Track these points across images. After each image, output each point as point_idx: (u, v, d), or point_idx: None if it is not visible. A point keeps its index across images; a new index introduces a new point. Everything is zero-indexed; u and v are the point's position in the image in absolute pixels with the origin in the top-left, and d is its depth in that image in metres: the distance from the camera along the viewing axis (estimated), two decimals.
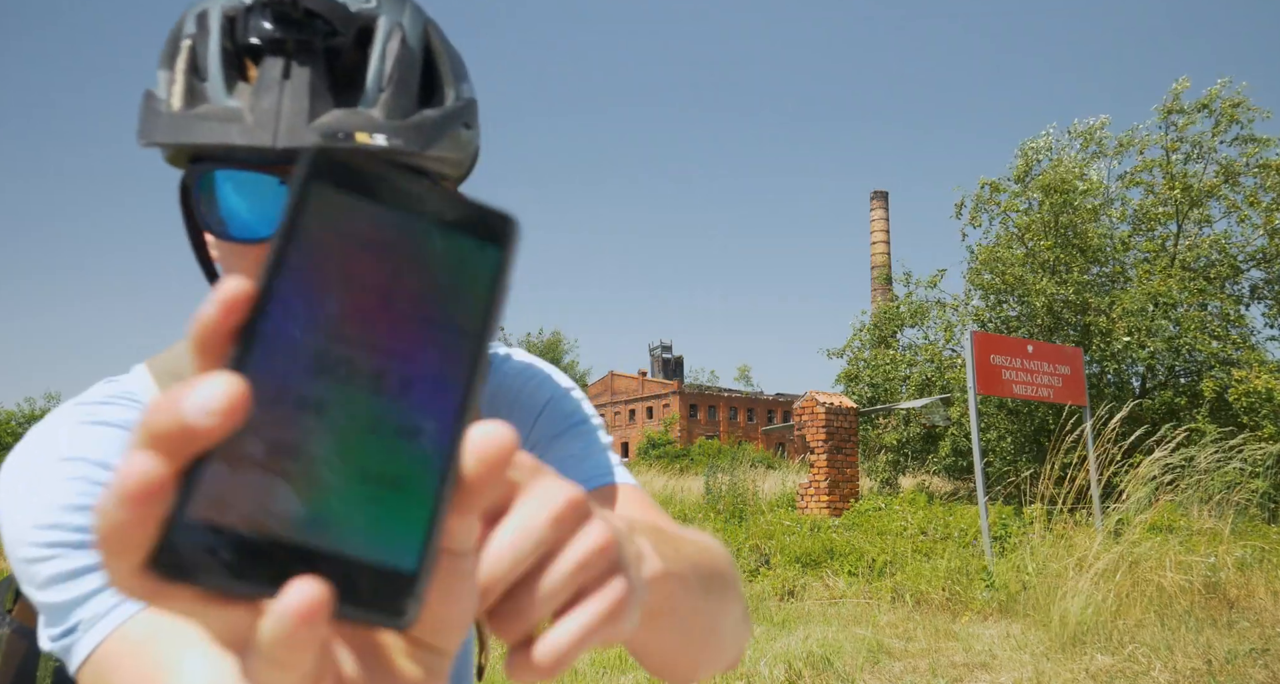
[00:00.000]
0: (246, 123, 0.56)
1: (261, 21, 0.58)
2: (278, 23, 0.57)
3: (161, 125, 0.57)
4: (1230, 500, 7.10)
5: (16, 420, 33.21)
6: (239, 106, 0.57)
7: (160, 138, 0.57)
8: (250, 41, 0.58)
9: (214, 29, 0.59)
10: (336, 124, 0.57)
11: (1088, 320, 12.09)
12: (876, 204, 48.61)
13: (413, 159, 0.61)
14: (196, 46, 0.59)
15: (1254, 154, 12.99)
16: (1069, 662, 4.37)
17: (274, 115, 0.56)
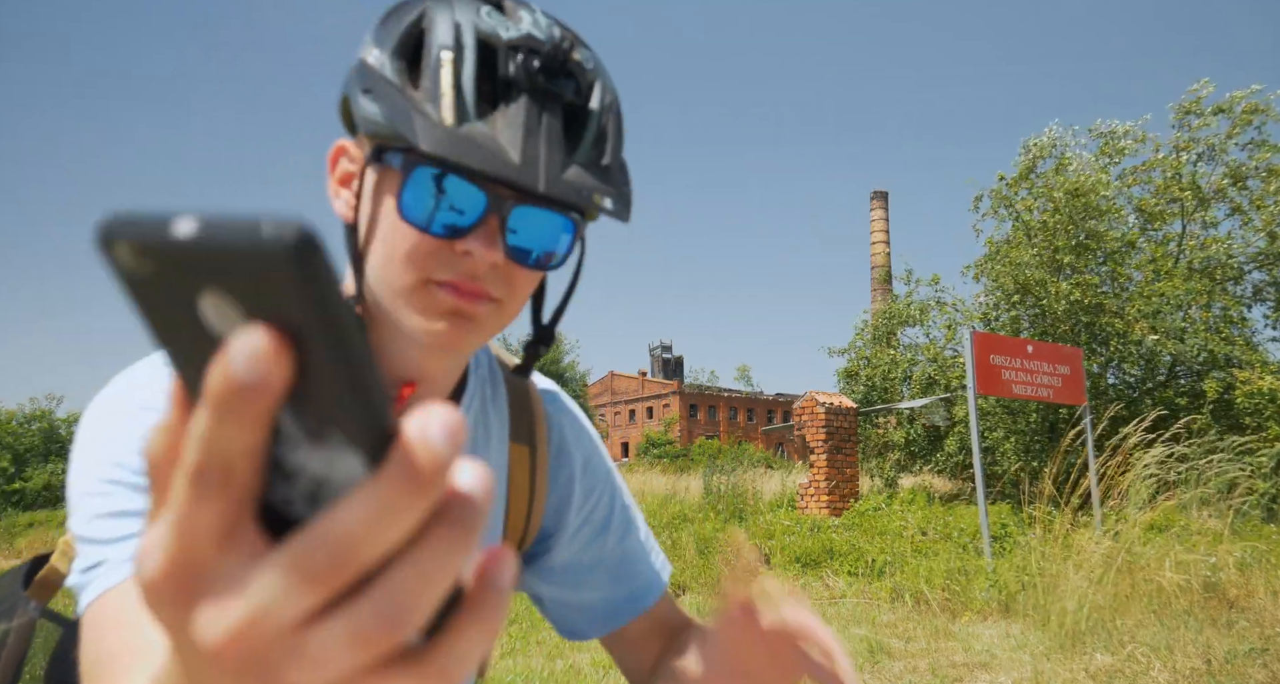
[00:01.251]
0: (512, 160, 0.61)
1: (528, 64, 0.63)
2: (543, 72, 0.64)
3: (438, 137, 0.61)
4: (1230, 501, 7.10)
5: (17, 420, 33.18)
6: (497, 136, 0.62)
7: (436, 149, 0.61)
8: (510, 78, 0.64)
9: (470, 51, 0.64)
10: (580, 183, 0.64)
11: (1103, 321, 12.07)
12: (876, 204, 48.57)
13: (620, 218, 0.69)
14: (458, 65, 0.63)
15: (1264, 159, 12.99)
16: (1068, 661, 4.37)
17: (536, 160, 0.62)
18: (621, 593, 0.93)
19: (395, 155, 0.66)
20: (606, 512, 0.95)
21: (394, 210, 0.67)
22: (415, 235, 0.66)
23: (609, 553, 0.94)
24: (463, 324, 0.69)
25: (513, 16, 0.67)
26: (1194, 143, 13.48)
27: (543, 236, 0.69)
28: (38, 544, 17.19)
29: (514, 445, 0.89)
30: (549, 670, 4.60)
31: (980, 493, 7.19)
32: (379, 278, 0.69)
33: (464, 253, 0.66)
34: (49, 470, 31.08)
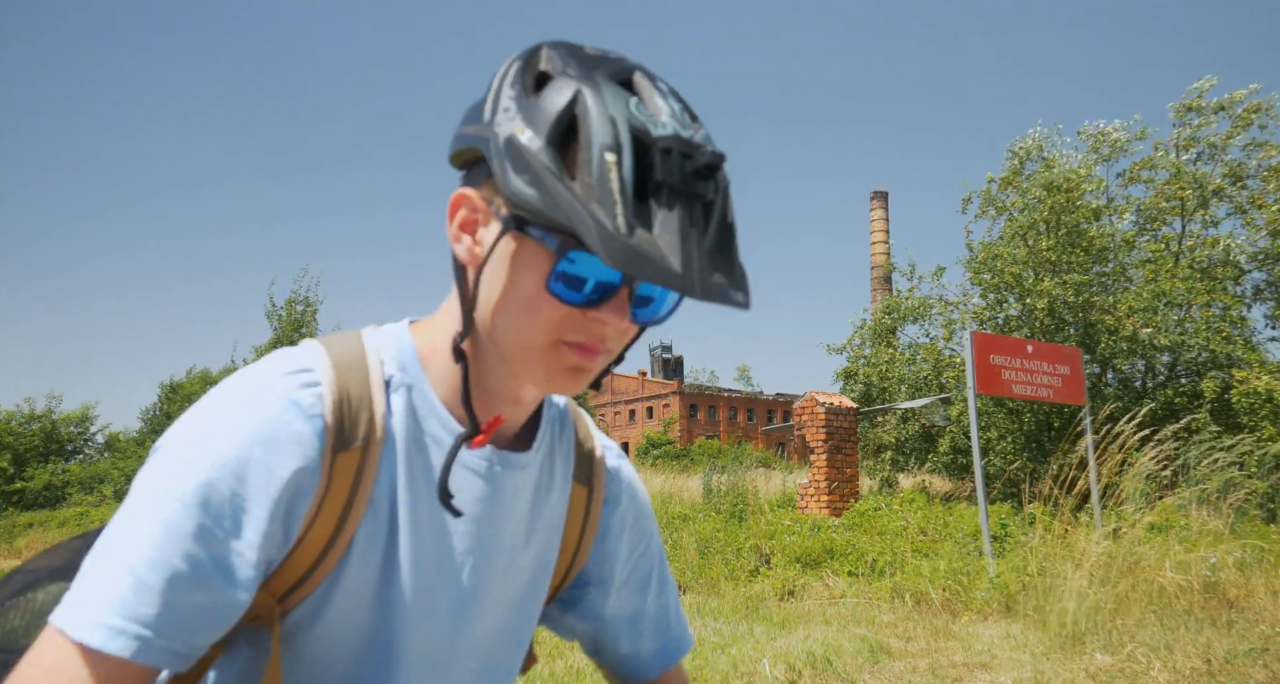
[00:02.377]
0: (674, 269, 0.63)
1: (682, 165, 0.65)
2: (695, 176, 0.66)
3: (613, 248, 0.63)
4: (1230, 500, 7.10)
5: (18, 420, 33.17)
6: (658, 241, 0.64)
7: (613, 261, 0.63)
8: (662, 179, 0.65)
9: (628, 148, 0.65)
10: (725, 286, 0.65)
11: (1092, 319, 12.07)
12: (876, 204, 48.57)
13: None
14: (620, 167, 0.65)
15: (1265, 158, 12.98)
16: (1069, 661, 4.37)
17: (692, 267, 0.64)
18: (658, 645, 1.02)
19: (547, 236, 0.69)
20: (651, 565, 1.02)
21: (540, 283, 0.71)
22: (559, 307, 0.71)
23: (650, 605, 1.01)
24: (580, 375, 0.75)
25: (650, 104, 0.69)
26: (1194, 142, 13.47)
27: (660, 304, 0.75)
28: (38, 544, 17.18)
29: (575, 484, 0.94)
30: (549, 670, 4.60)
31: (980, 493, 7.19)
32: (509, 333, 0.74)
33: (597, 320, 0.72)
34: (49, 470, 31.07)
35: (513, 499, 0.85)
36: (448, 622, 0.84)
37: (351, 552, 0.77)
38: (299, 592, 0.77)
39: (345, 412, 0.76)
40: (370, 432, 0.77)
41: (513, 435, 0.86)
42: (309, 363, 0.77)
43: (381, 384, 0.79)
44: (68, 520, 20.80)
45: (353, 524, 0.77)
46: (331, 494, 0.75)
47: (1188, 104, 13.43)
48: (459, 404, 0.81)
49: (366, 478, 0.77)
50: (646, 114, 0.68)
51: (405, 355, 0.81)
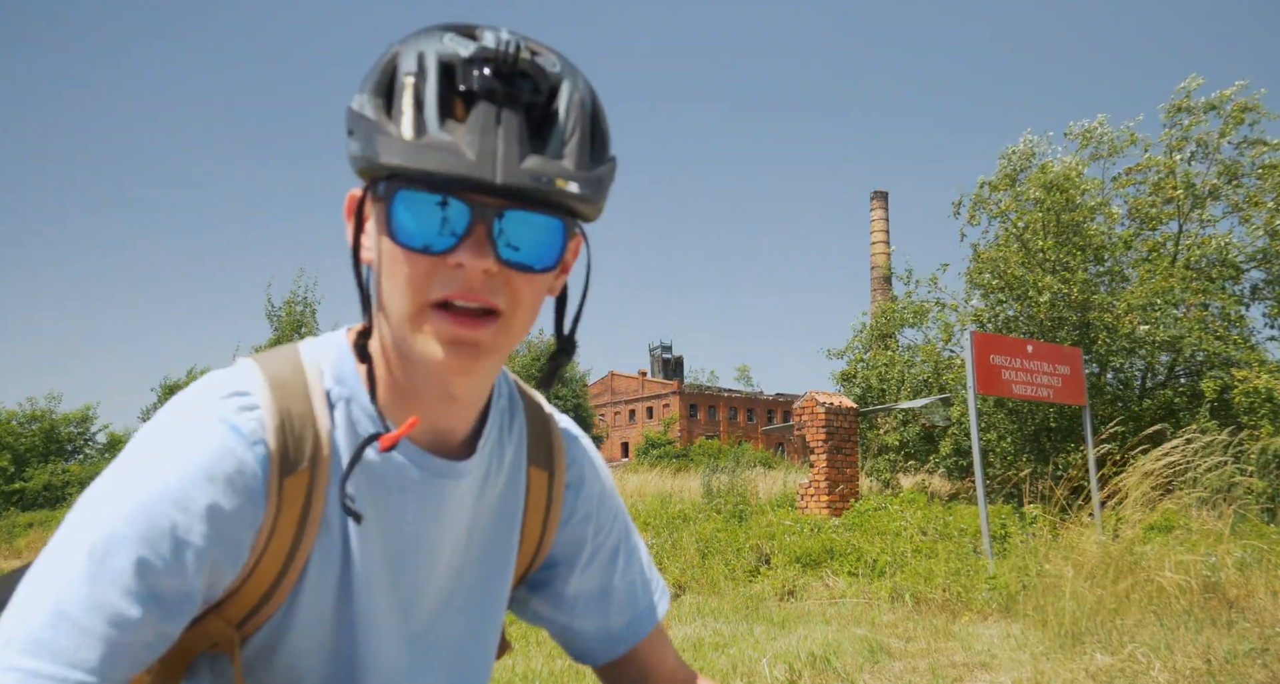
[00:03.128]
0: (469, 158, 0.65)
1: (482, 72, 0.67)
2: (496, 76, 0.67)
3: (397, 149, 0.65)
4: (1230, 500, 7.09)
5: (19, 420, 33.15)
6: (457, 142, 0.65)
7: (397, 161, 0.65)
8: (468, 88, 0.67)
9: (431, 71, 0.68)
10: (539, 169, 0.67)
11: (1090, 317, 12.06)
12: (876, 204, 48.56)
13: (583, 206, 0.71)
14: (418, 85, 0.67)
15: (1259, 155, 12.95)
16: (1069, 661, 4.37)
17: (492, 155, 0.65)
18: (627, 619, 1.00)
19: (380, 185, 0.69)
20: (618, 541, 1.00)
21: (388, 237, 0.69)
22: (409, 258, 0.69)
23: (619, 582, 0.99)
24: (466, 350, 0.70)
25: (478, 38, 0.70)
26: (1186, 141, 13.45)
27: (532, 240, 0.70)
28: (38, 544, 17.19)
29: (533, 469, 0.91)
30: (549, 670, 4.60)
31: (980, 493, 7.18)
32: (389, 309, 0.72)
33: (456, 265, 0.68)
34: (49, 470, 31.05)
35: (456, 506, 0.83)
36: (403, 629, 0.83)
37: (307, 573, 0.76)
38: (257, 617, 0.76)
39: (288, 434, 0.74)
40: (317, 451, 0.75)
41: (459, 441, 0.83)
42: (245, 385, 0.75)
43: (323, 400, 0.77)
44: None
45: (307, 545, 0.75)
46: (283, 518, 0.73)
47: (1177, 104, 13.41)
48: (401, 408, 0.78)
49: (317, 498, 0.75)
50: (461, 42, 0.69)
51: (343, 366, 0.79)
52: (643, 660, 1.01)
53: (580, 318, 0.81)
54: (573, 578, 0.97)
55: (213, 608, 0.74)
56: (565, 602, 0.98)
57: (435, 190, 0.67)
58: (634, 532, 1.03)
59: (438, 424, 0.79)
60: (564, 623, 0.99)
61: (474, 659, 0.90)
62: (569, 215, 0.72)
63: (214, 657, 0.78)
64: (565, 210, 0.71)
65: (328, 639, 0.79)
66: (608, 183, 0.72)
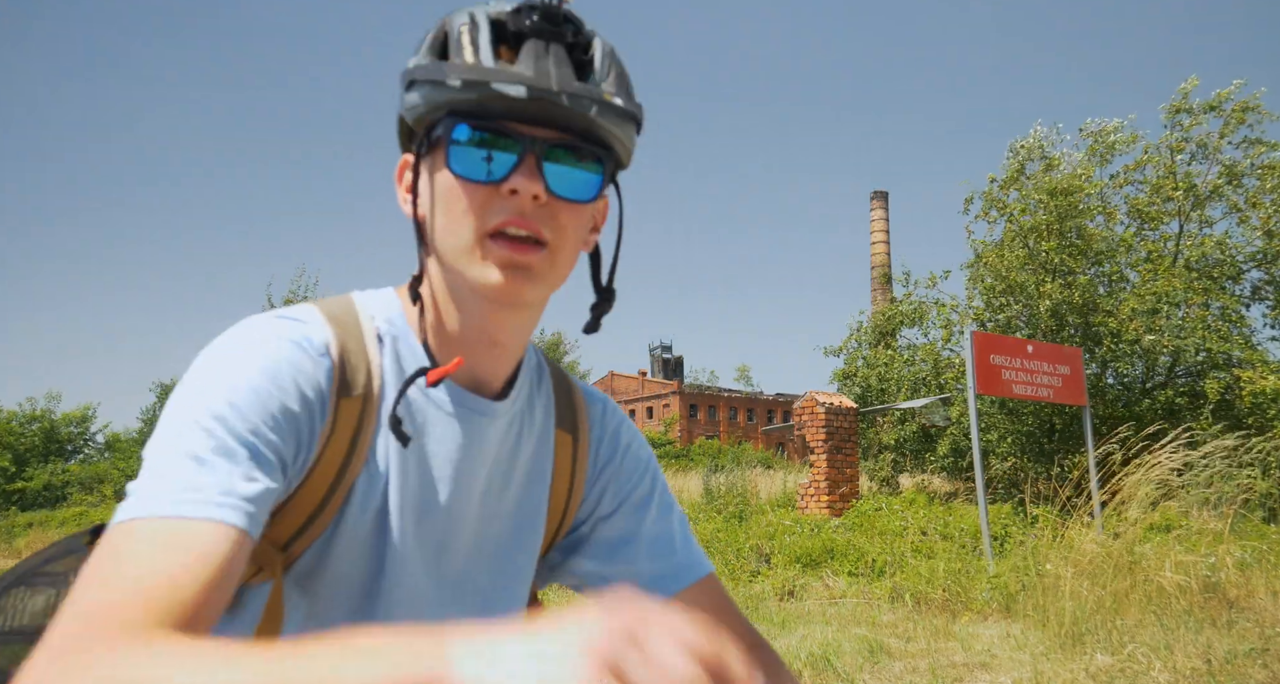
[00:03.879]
0: (527, 74, 0.73)
1: (530, 18, 0.75)
2: (543, 18, 0.75)
3: (458, 72, 0.73)
4: (1231, 500, 7.09)
5: (18, 420, 33.16)
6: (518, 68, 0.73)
7: (466, 76, 0.72)
8: (519, 29, 0.75)
9: (483, 23, 0.76)
10: (588, 90, 0.75)
11: (1096, 321, 12.05)
12: (876, 204, 48.54)
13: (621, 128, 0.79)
14: (472, 32, 0.76)
15: (1259, 155, 12.93)
16: (1069, 662, 4.36)
17: (547, 74, 0.73)
18: (659, 569, 0.97)
19: (438, 125, 0.77)
20: (647, 492, 1.00)
21: (445, 171, 0.77)
22: (466, 187, 0.76)
23: (647, 529, 0.98)
24: (519, 274, 0.76)
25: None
26: (1186, 142, 13.44)
27: (574, 175, 0.78)
28: (37, 544, 17.18)
29: (559, 431, 0.95)
30: None
31: (980, 493, 7.18)
32: (445, 246, 0.78)
33: (510, 192, 0.75)
34: (49, 470, 31.07)
35: (488, 445, 0.87)
36: (433, 568, 0.85)
37: (351, 498, 0.80)
38: (302, 539, 0.79)
39: (346, 359, 0.80)
40: (369, 383, 0.81)
41: (495, 389, 0.88)
42: (304, 316, 0.81)
43: (374, 337, 0.83)
44: (67, 520, 20.81)
45: (354, 471, 0.80)
46: (335, 438, 0.78)
47: (1176, 106, 13.40)
48: (449, 352, 0.84)
49: (366, 429, 0.80)
50: (506, 4, 0.78)
51: (391, 310, 0.86)
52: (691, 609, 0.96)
53: (616, 267, 0.88)
54: (599, 527, 0.98)
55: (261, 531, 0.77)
56: (595, 546, 0.98)
57: (489, 126, 0.74)
58: (668, 493, 1.03)
59: (477, 370, 0.86)
60: (595, 571, 0.99)
61: (501, 612, 0.92)
62: (606, 151, 0.79)
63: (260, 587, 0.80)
64: (603, 146, 0.79)
65: (361, 570, 0.81)
66: (640, 118, 0.81)
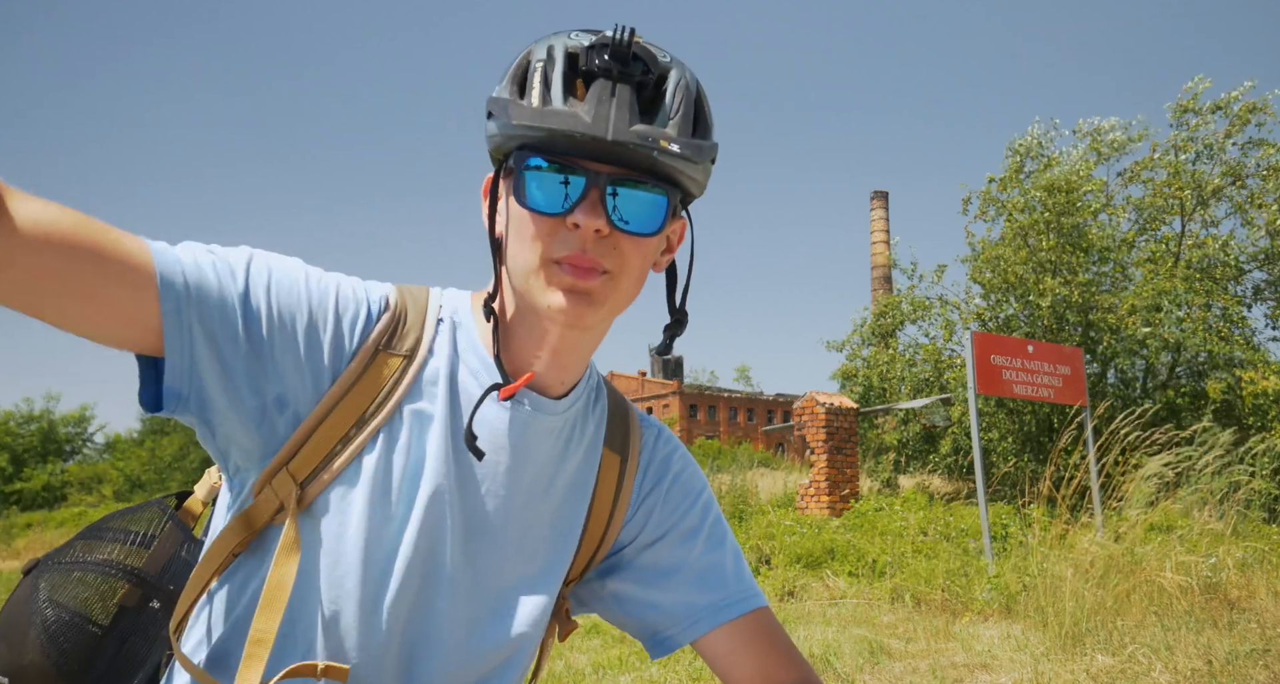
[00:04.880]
0: (586, 121, 0.75)
1: (601, 56, 0.78)
2: (613, 57, 0.78)
3: (525, 114, 0.77)
4: (1233, 501, 7.08)
5: (16, 421, 33.14)
6: (577, 111, 0.76)
7: (525, 122, 0.76)
8: (589, 68, 0.78)
9: (559, 59, 0.80)
10: (646, 132, 0.77)
11: (1095, 318, 12.04)
12: (876, 204, 48.55)
13: (685, 166, 0.80)
14: (546, 68, 0.79)
15: (1265, 157, 12.90)
16: (1069, 662, 4.35)
17: (606, 118, 0.76)
18: (709, 600, 0.96)
19: (513, 157, 0.81)
20: (696, 523, 1.00)
21: (517, 202, 0.81)
22: (535, 219, 0.80)
23: (695, 560, 0.98)
24: (581, 299, 0.80)
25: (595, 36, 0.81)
26: (1192, 142, 13.42)
27: (638, 208, 0.81)
28: (36, 544, 17.18)
29: (606, 450, 0.97)
30: (549, 670, 4.59)
31: (981, 493, 7.17)
32: (515, 267, 0.83)
33: (573, 226, 0.79)
34: (47, 470, 31.06)
35: (537, 441, 0.90)
36: (460, 544, 0.86)
37: (374, 449, 0.83)
38: (318, 480, 0.82)
39: (400, 321, 0.87)
40: (415, 349, 0.86)
41: (553, 394, 0.91)
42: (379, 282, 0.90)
43: (434, 319, 0.89)
44: (66, 521, 20.79)
45: (377, 423, 0.83)
46: (363, 382, 0.83)
47: (1183, 105, 13.37)
48: (508, 351, 0.89)
49: (400, 388, 0.85)
50: (586, 37, 0.81)
51: (459, 305, 0.92)
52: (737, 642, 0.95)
53: (689, 290, 0.92)
54: (643, 554, 0.98)
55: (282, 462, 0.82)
56: (637, 570, 0.98)
57: (556, 160, 0.78)
58: (721, 525, 1.01)
59: (538, 377, 0.89)
60: (637, 597, 0.97)
61: (523, 615, 0.91)
62: (672, 185, 0.82)
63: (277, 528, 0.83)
64: (668, 181, 0.82)
65: (387, 535, 0.83)
66: (709, 154, 0.82)
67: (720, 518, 1.02)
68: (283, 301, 0.79)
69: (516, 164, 0.80)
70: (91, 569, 0.99)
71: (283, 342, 0.79)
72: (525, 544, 0.90)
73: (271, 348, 0.78)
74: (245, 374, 0.78)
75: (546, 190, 0.79)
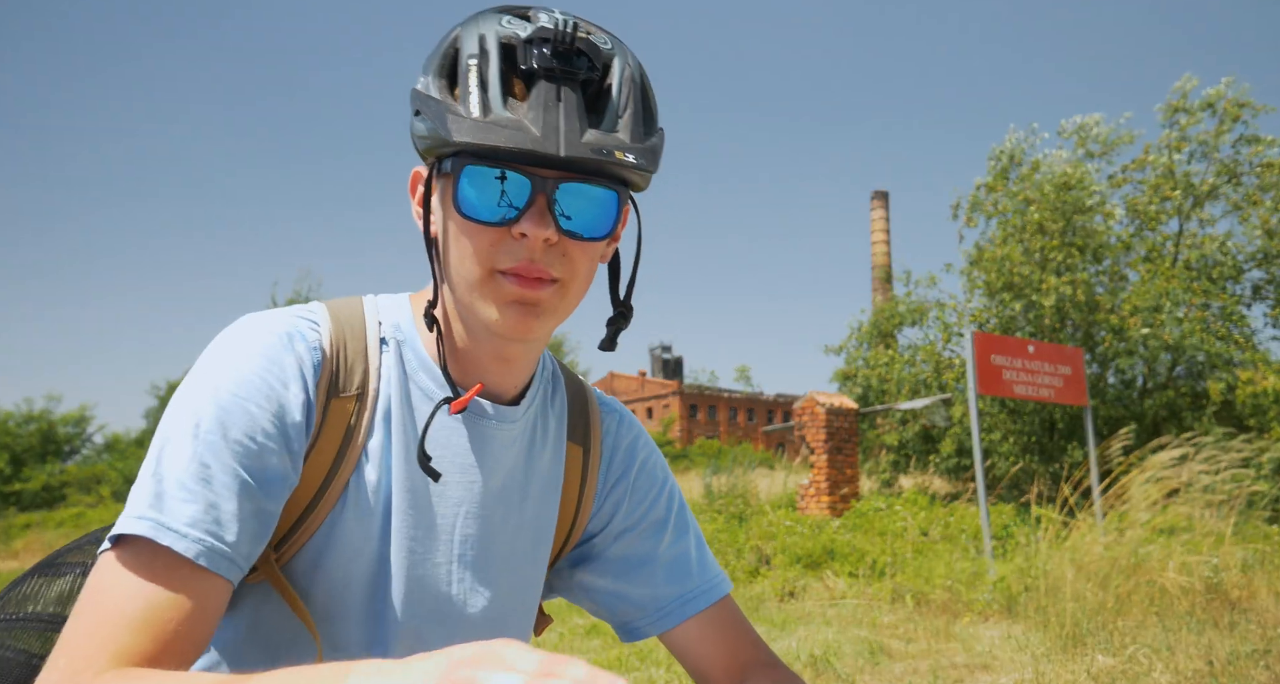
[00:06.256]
0: (534, 134, 0.69)
1: (541, 51, 0.72)
2: (555, 55, 0.72)
3: (466, 128, 0.70)
4: (1234, 501, 7.08)
5: (16, 421, 33.11)
6: (521, 119, 0.70)
7: (467, 138, 0.70)
8: (528, 67, 0.72)
9: (493, 52, 0.73)
10: (599, 142, 0.71)
11: (1097, 318, 12.02)
12: (877, 204, 48.55)
13: (637, 174, 0.76)
14: (481, 66, 0.73)
15: (1257, 153, 12.89)
16: (1070, 663, 4.35)
17: (555, 130, 0.70)
18: (674, 593, 0.95)
19: (447, 161, 0.75)
20: (663, 513, 0.98)
21: (455, 210, 0.75)
22: (476, 228, 0.75)
23: (664, 552, 0.97)
24: (528, 311, 0.76)
25: (532, 19, 0.76)
26: (1185, 141, 13.40)
27: (588, 210, 0.75)
28: (35, 545, 17.17)
29: (570, 444, 0.95)
30: None
31: (981, 493, 7.17)
32: (456, 278, 0.78)
33: (520, 235, 0.74)
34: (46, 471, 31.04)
35: (502, 451, 0.87)
36: (446, 573, 0.85)
37: (345, 502, 0.79)
38: (293, 540, 0.79)
39: (341, 357, 0.81)
40: (365, 384, 0.81)
41: (507, 400, 0.88)
42: (309, 311, 0.83)
43: (376, 341, 0.84)
44: (65, 521, 20.78)
45: (346, 471, 0.79)
46: (324, 438, 0.78)
47: (1174, 105, 13.36)
48: (458, 364, 0.85)
49: (359, 430, 0.80)
50: (519, 23, 0.75)
51: (400, 316, 0.86)
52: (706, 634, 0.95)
53: (635, 283, 0.86)
54: (612, 545, 0.97)
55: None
56: (609, 564, 0.97)
57: (498, 165, 0.72)
58: (685, 512, 1.01)
59: (488, 382, 0.86)
60: (608, 589, 0.97)
61: (510, 619, 0.91)
62: (621, 185, 0.77)
63: (253, 587, 0.81)
64: (619, 181, 0.77)
65: (364, 575, 0.81)
66: (659, 152, 0.78)
67: (683, 503, 1.01)
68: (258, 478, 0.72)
69: (454, 170, 0.74)
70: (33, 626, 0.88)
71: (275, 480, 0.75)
72: (512, 555, 0.89)
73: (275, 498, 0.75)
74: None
75: (488, 199, 0.73)
